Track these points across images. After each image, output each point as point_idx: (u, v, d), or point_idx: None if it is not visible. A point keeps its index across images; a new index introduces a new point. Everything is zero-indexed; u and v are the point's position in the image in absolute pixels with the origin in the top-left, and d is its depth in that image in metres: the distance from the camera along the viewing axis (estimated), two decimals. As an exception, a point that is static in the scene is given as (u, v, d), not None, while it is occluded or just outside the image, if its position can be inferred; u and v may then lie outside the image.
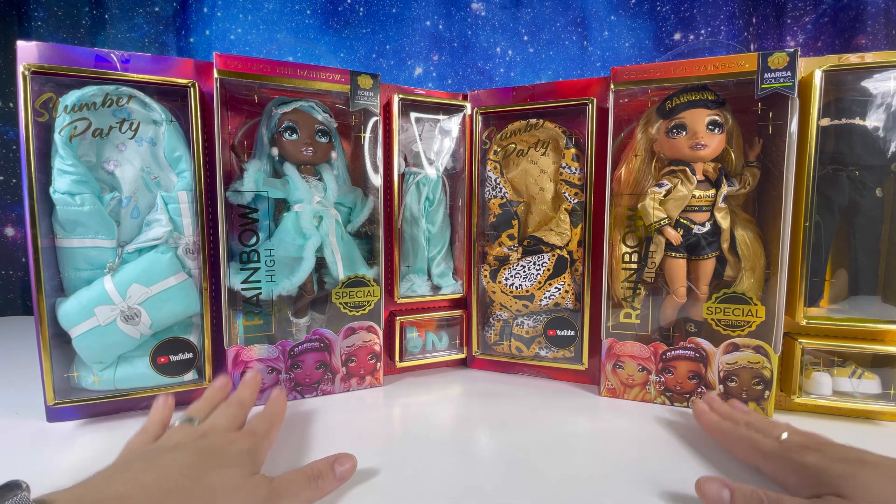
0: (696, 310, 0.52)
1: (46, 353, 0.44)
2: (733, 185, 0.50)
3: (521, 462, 0.40)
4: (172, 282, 0.47)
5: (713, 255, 0.50)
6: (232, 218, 0.49)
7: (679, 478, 0.37)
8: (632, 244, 0.52)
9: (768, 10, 0.89)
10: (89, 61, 0.45)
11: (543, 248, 0.58)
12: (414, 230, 0.61)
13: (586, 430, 0.46)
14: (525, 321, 0.60)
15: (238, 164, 0.51)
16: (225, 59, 0.47)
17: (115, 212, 0.47)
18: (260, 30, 0.92)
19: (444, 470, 0.38)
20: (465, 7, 0.95)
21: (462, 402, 0.53)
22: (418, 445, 0.42)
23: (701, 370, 0.50)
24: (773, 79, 0.46)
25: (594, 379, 0.58)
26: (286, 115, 0.50)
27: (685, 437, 0.45)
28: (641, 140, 0.52)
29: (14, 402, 0.51)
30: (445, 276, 0.63)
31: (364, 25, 0.94)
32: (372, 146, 0.55)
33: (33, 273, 0.43)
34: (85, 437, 0.44)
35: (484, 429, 0.46)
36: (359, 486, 0.36)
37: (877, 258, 0.49)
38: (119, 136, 0.47)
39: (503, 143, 0.60)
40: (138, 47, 0.90)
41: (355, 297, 0.54)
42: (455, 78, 0.96)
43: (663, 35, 0.92)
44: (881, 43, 0.83)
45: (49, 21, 0.88)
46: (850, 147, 0.48)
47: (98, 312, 0.45)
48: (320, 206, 0.51)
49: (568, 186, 0.57)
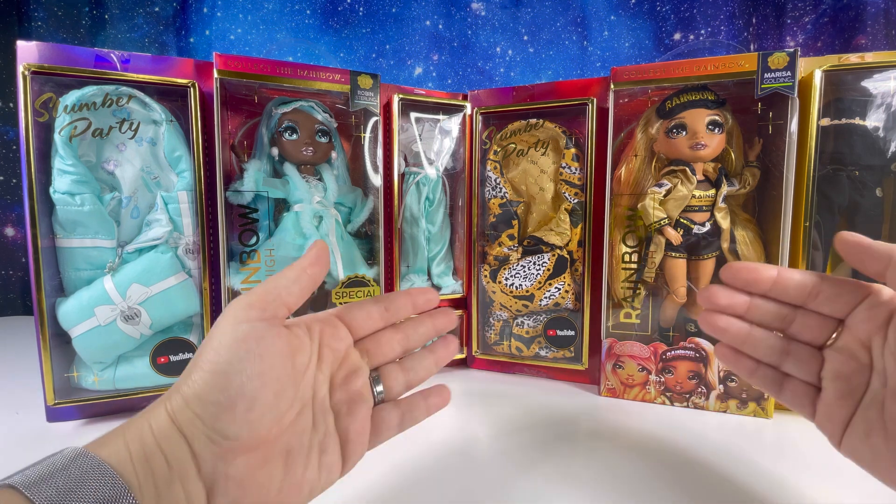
0: (697, 310, 0.52)
1: (46, 353, 0.44)
2: (733, 185, 0.50)
3: (521, 462, 0.40)
4: (172, 282, 0.47)
5: (713, 255, 0.50)
6: (232, 218, 0.49)
7: (679, 478, 0.37)
8: (632, 244, 0.52)
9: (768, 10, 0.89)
10: (89, 61, 0.45)
11: (543, 248, 0.58)
12: (414, 230, 0.61)
13: (586, 430, 0.46)
14: (525, 321, 0.60)
15: (238, 164, 0.51)
16: (225, 59, 0.47)
17: (115, 212, 0.47)
18: (260, 30, 0.92)
19: (444, 470, 0.38)
20: (465, 7, 0.95)
21: (462, 402, 0.53)
22: (418, 445, 0.42)
23: (701, 370, 0.50)
24: (773, 79, 0.46)
25: (594, 379, 0.58)
26: (286, 115, 0.50)
27: (685, 437, 0.45)
28: (641, 140, 0.52)
29: (14, 402, 0.51)
30: (445, 276, 0.63)
31: (364, 25, 0.94)
32: (372, 146, 0.55)
33: (33, 273, 0.43)
34: (85, 437, 0.44)
35: (484, 429, 0.46)
36: (357, 486, 0.36)
37: (877, 258, 0.49)
38: (119, 136, 0.47)
39: (503, 143, 0.60)
40: (138, 47, 0.90)
41: (355, 297, 0.54)
42: (455, 78, 0.96)
43: (663, 35, 0.92)
44: (881, 43, 0.83)
45: (49, 21, 0.88)
46: (850, 147, 0.48)
47: (98, 312, 0.45)
48: (320, 206, 0.51)
49: (568, 186, 0.57)
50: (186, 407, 0.23)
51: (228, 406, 0.23)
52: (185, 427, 0.23)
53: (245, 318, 0.26)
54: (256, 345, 0.25)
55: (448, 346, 0.35)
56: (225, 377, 0.24)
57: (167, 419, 0.23)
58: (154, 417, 0.23)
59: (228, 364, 0.24)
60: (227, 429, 0.23)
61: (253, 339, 0.25)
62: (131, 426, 0.23)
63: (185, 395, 0.23)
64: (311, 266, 0.29)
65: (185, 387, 0.24)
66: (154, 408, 0.24)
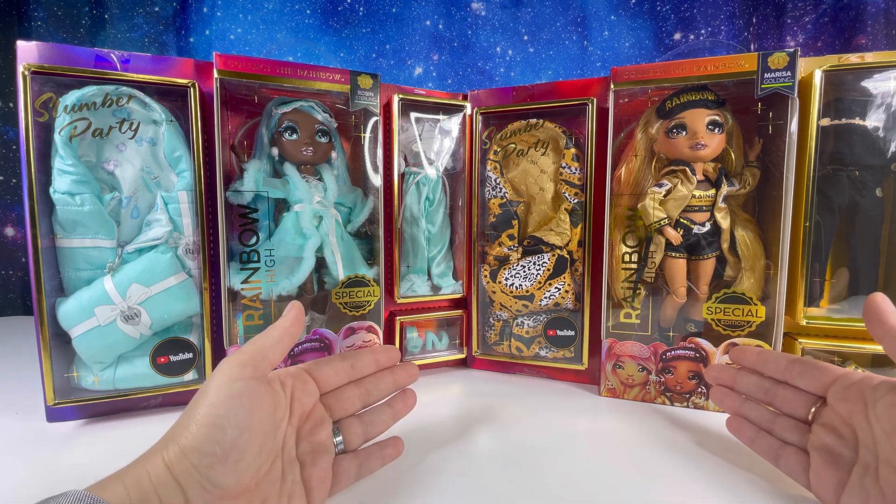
0: (696, 310, 0.52)
1: (46, 353, 0.44)
2: (733, 185, 0.50)
3: (520, 462, 0.40)
4: (172, 282, 0.47)
5: (713, 255, 0.50)
6: (232, 218, 0.49)
7: (679, 478, 0.37)
8: (632, 244, 0.52)
9: (768, 10, 0.89)
10: (89, 61, 0.45)
11: (543, 248, 0.58)
12: (414, 230, 0.61)
13: (586, 430, 0.46)
14: (525, 321, 0.60)
15: (238, 164, 0.51)
16: (225, 59, 0.47)
17: (115, 212, 0.47)
18: (260, 30, 0.92)
19: (444, 470, 0.38)
20: (465, 7, 0.95)
21: (462, 402, 0.53)
22: (418, 445, 0.42)
23: (701, 370, 0.50)
24: (773, 79, 0.46)
25: (594, 379, 0.58)
26: (286, 115, 0.50)
27: (685, 436, 0.45)
28: (641, 140, 0.52)
29: (14, 402, 0.51)
30: (445, 276, 0.63)
31: (364, 25, 0.94)
32: (372, 146, 0.55)
33: (33, 273, 0.43)
34: (85, 437, 0.44)
35: (484, 429, 0.46)
36: (357, 486, 0.36)
37: (877, 258, 0.49)
38: (119, 136, 0.47)
39: (503, 143, 0.60)
40: (138, 47, 0.90)
41: (355, 297, 0.54)
42: (455, 78, 0.96)
43: (663, 35, 0.92)
44: (881, 43, 0.83)
45: (49, 21, 0.88)
46: (850, 147, 0.48)
47: (98, 312, 0.45)
48: (320, 206, 0.51)
49: (568, 186, 0.57)
50: (184, 458, 0.25)
51: (222, 457, 0.26)
52: (181, 477, 0.25)
53: (240, 376, 0.28)
54: (249, 401, 0.28)
55: (406, 401, 0.39)
56: (221, 431, 0.26)
57: (164, 468, 0.25)
58: (152, 465, 0.25)
59: (225, 418, 0.26)
60: (219, 478, 0.25)
61: (246, 397, 0.28)
62: (129, 473, 0.25)
63: (183, 446, 0.26)
64: (292, 326, 0.33)
65: (182, 438, 0.26)
66: (151, 456, 0.26)
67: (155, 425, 0.46)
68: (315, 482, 0.31)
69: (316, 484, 0.31)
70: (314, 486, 0.31)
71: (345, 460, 0.34)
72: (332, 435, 0.34)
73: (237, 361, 0.29)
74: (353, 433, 0.35)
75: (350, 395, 0.36)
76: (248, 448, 0.27)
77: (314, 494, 0.31)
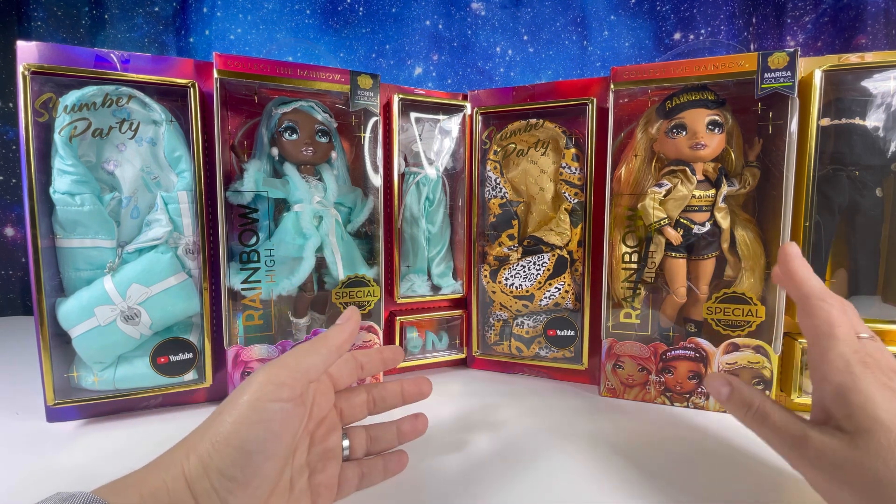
0: (696, 310, 0.52)
1: (46, 353, 0.44)
2: (733, 185, 0.50)
3: (520, 462, 0.40)
4: (172, 282, 0.47)
5: (713, 255, 0.50)
6: (232, 218, 0.49)
7: (679, 477, 0.37)
8: (632, 244, 0.52)
9: (768, 10, 0.89)
10: (89, 61, 0.45)
11: (543, 248, 0.58)
12: (414, 230, 0.61)
13: (586, 430, 0.46)
14: (525, 321, 0.60)
15: (238, 164, 0.51)
16: (225, 59, 0.47)
17: (115, 212, 0.47)
18: (260, 30, 0.92)
19: (444, 470, 0.38)
20: (465, 7, 0.95)
21: (462, 402, 0.53)
22: (418, 445, 0.42)
23: (701, 370, 0.50)
24: (773, 79, 0.46)
25: (594, 379, 0.58)
26: (286, 115, 0.50)
27: (685, 436, 0.45)
28: (641, 140, 0.52)
29: (14, 402, 0.51)
30: (445, 276, 0.63)
31: (364, 25, 0.94)
32: (372, 146, 0.55)
33: (33, 273, 0.43)
34: (85, 437, 0.44)
35: (484, 429, 0.46)
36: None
37: (877, 258, 0.49)
38: (119, 137, 0.47)
39: (503, 143, 0.60)
40: (138, 47, 0.90)
41: (355, 297, 0.54)
42: (455, 78, 0.96)
43: (663, 35, 0.92)
44: (881, 43, 0.83)
45: (49, 21, 0.88)
46: (850, 147, 0.48)
47: (98, 312, 0.45)
48: (320, 206, 0.51)
49: (568, 186, 0.57)
50: (205, 476, 0.24)
51: (243, 483, 0.25)
52: (200, 496, 0.24)
53: (276, 398, 0.26)
54: (280, 426, 0.26)
55: (416, 426, 0.37)
56: (247, 456, 0.25)
57: (184, 484, 0.24)
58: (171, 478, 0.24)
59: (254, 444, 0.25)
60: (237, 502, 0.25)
61: (278, 421, 0.26)
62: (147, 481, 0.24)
63: (206, 464, 0.25)
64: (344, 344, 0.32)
65: (206, 454, 0.25)
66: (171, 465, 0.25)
67: (155, 425, 0.46)
68: (322, 489, 0.30)
69: (323, 491, 0.30)
70: (321, 492, 0.30)
71: (348, 469, 0.33)
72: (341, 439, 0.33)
73: (276, 379, 0.27)
74: (359, 441, 0.34)
75: (359, 400, 0.35)
76: (271, 474, 0.26)
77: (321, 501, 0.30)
